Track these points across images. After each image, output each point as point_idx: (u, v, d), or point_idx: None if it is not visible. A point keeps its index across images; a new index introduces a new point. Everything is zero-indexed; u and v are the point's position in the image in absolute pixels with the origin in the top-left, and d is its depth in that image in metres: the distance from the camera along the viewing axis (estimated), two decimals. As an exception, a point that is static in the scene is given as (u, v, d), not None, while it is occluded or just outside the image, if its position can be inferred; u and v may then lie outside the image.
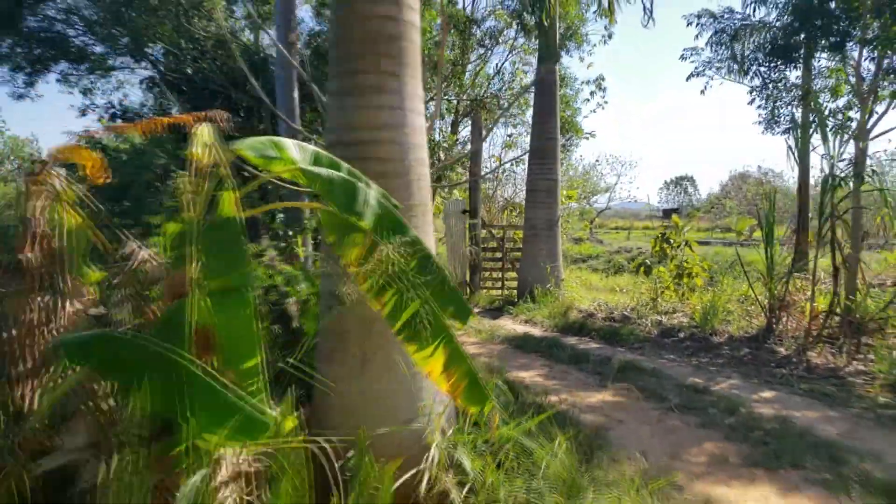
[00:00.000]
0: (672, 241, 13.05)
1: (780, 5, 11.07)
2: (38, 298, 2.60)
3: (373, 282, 2.74)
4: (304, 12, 13.00)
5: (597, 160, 45.66)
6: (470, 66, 16.18)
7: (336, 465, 2.67)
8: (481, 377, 2.92)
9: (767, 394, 6.63)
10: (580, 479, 3.53)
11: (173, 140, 8.33)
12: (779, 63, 11.15)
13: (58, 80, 11.63)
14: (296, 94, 8.00)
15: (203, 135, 2.72)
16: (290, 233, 6.75)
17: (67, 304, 2.65)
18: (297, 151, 3.03)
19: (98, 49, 11.57)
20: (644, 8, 10.44)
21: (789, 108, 11.90)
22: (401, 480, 3.47)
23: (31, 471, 2.18)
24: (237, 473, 2.51)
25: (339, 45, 4.06)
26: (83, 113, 12.13)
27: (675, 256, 12.71)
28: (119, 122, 11.43)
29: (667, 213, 51.09)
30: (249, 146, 2.83)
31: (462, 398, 2.87)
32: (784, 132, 12.07)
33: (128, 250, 2.78)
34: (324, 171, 2.92)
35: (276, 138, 2.94)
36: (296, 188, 3.14)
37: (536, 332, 10.51)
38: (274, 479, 2.52)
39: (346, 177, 2.90)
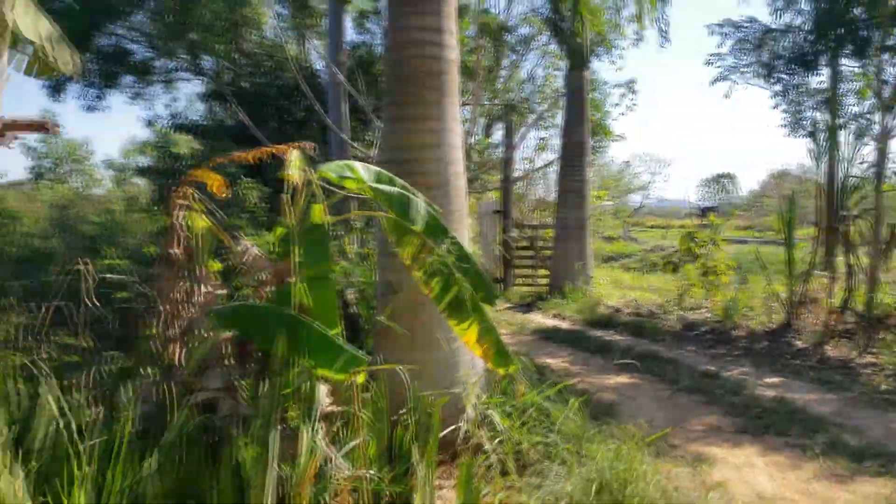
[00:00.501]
0: (698, 239, 13.75)
1: (805, 13, 11.72)
2: (181, 283, 3.63)
3: (425, 271, 3.70)
4: (346, 22, 14.01)
5: (627, 160, 45.99)
6: (503, 72, 17.09)
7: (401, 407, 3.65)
8: (506, 346, 3.86)
9: (774, 379, 7.41)
10: (588, 433, 4.45)
11: (234, 148, 9.48)
12: (800, 69, 11.81)
13: (124, 93, 12.95)
14: (345, 109, 9.02)
15: (295, 160, 3.72)
16: (342, 232, 7.78)
17: (201, 286, 3.67)
18: (364, 172, 4.00)
19: (159, 63, 12.85)
20: (659, 30, 11.27)
21: (812, 111, 12.55)
22: (442, 434, 4.43)
23: (188, 402, 3.19)
24: (325, 414, 3.49)
25: (391, 81, 5.04)
26: (149, 123, 13.44)
27: (702, 255, 13.40)
28: (180, 131, 12.71)
29: (704, 212, 51.16)
30: (331, 169, 3.81)
31: (491, 361, 3.82)
32: (808, 135, 12.72)
33: (241, 248, 3.80)
34: (386, 187, 3.89)
35: (351, 162, 3.92)
36: (344, 194, 4.11)
37: (565, 325, 11.39)
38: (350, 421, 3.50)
39: (402, 191, 3.86)
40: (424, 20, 4.86)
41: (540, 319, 12.07)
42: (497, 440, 4.52)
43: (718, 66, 14.05)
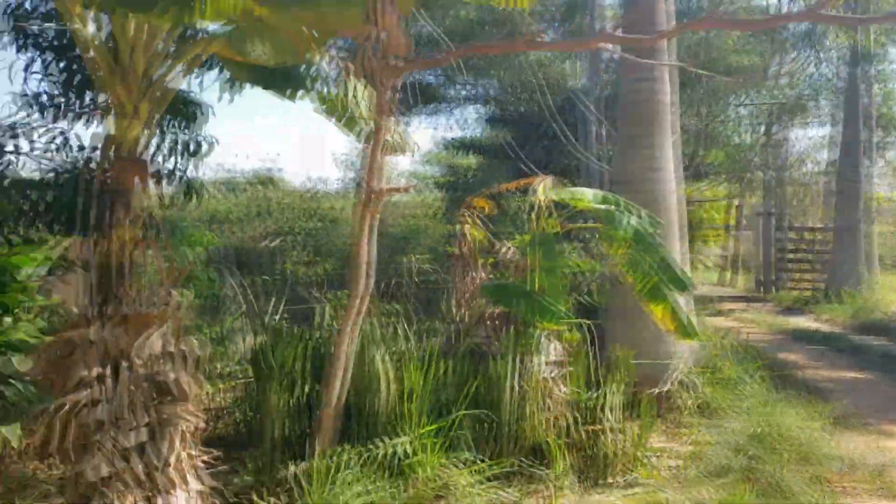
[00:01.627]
0: None
1: None
2: (464, 271, 5.85)
3: (626, 267, 5.43)
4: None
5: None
6: (781, 69, 17.21)
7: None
8: (690, 322, 5.41)
9: None
10: (766, 395, 5.74)
11: (508, 164, 11.97)
12: None
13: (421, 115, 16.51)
14: (595, 130, 10.84)
15: (542, 187, 5.71)
16: (588, 236, 9.62)
17: (476, 273, 5.87)
18: (590, 194, 5.85)
19: (448, 91, 15.93)
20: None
21: None
22: (651, 392, 6.06)
23: (466, 343, 5.35)
24: (553, 361, 5.41)
25: (620, 119, 6.80)
26: (447, 145, 16.87)
27: None
28: (465, 149, 15.83)
29: None
30: (563, 194, 5.73)
31: (677, 333, 5.40)
32: None
33: (503, 249, 5.92)
34: (603, 206, 5.68)
35: (579, 189, 5.82)
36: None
37: (824, 328, 11.73)
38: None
39: (613, 208, 5.61)
40: (642, 73, 6.52)
41: (801, 322, 12.47)
42: (696, 400, 6.05)
43: None
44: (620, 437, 4.77)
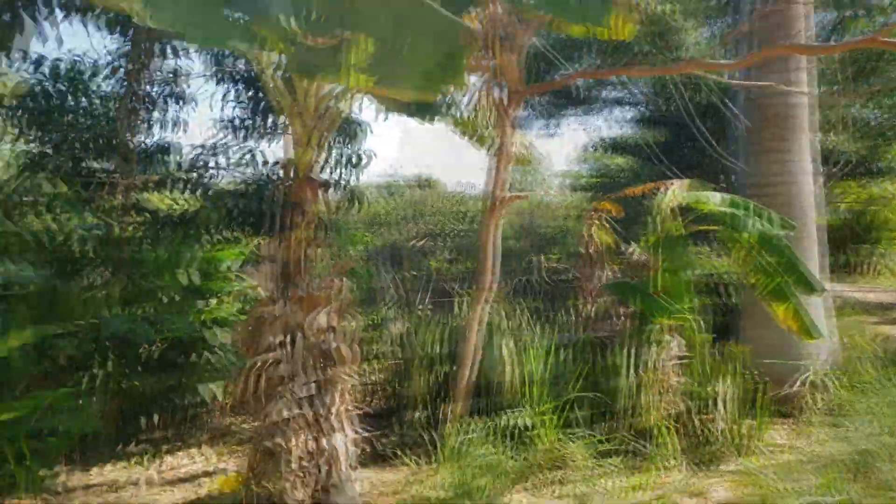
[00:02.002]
0: None
1: None
2: (593, 270, 6.42)
3: (747, 268, 5.74)
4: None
5: None
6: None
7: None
8: (814, 322, 5.62)
9: None
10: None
11: (656, 164, 12.26)
12: None
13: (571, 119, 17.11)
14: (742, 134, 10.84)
15: (672, 192, 6.14)
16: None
17: (602, 272, 6.41)
18: (715, 198, 6.19)
19: (597, 93, 16.33)
20: None
21: None
22: (782, 392, 6.28)
23: (589, 335, 5.93)
24: (674, 356, 5.84)
25: (754, 120, 7.02)
26: (595, 148, 17.36)
27: None
28: (615, 151, 16.20)
29: None
30: (688, 198, 6.12)
31: (800, 333, 5.63)
32: None
33: (629, 250, 6.42)
34: (727, 209, 6.00)
35: (704, 193, 6.16)
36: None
37: None
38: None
39: (736, 211, 5.92)
40: (771, 78, 6.69)
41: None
42: (828, 402, 6.21)
43: None
44: (733, 428, 5.15)
